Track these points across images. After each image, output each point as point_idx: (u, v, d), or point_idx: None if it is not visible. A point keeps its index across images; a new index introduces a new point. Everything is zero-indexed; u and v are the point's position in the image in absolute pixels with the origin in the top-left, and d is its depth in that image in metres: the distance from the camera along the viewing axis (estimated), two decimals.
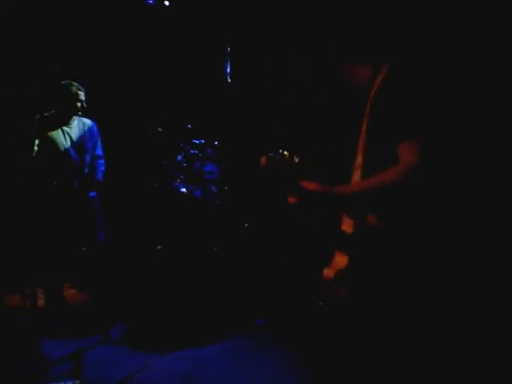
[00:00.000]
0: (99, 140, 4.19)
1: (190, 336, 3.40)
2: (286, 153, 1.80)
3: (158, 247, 3.61)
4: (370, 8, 1.91)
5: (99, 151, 4.18)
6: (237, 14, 4.56)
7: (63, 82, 3.95)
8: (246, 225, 4.04)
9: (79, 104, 4.00)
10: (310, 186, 1.71)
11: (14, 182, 3.74)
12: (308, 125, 3.49)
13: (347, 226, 1.82)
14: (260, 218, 4.07)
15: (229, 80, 4.38)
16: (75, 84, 4.01)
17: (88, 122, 4.17)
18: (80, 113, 4.04)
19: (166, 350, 3.24)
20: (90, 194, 4.08)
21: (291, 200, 1.75)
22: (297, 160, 1.80)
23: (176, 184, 3.84)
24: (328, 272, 1.84)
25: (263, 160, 1.79)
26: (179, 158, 3.95)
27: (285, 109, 3.97)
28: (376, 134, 1.74)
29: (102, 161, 4.18)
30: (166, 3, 4.60)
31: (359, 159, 1.81)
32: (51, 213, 3.80)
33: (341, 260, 1.80)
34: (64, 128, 4.08)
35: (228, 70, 4.41)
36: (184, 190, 3.83)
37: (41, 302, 3.56)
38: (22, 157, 3.72)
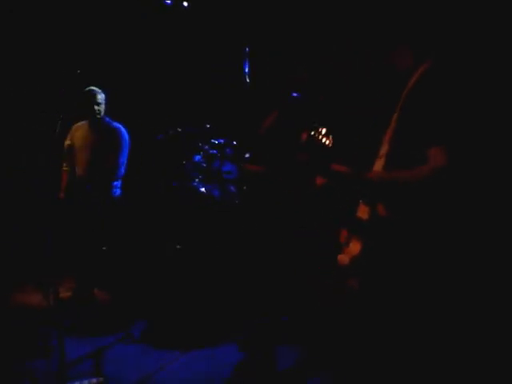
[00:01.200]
0: (122, 145, 4.12)
1: (207, 334, 3.41)
2: (324, 131, 1.78)
3: (178, 247, 3.62)
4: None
5: (119, 158, 4.11)
6: (256, 13, 4.56)
7: (81, 86, 3.99)
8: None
9: (97, 107, 4.04)
10: (341, 168, 1.72)
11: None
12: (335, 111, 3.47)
13: (363, 212, 1.82)
14: (276, 219, 4.05)
15: (247, 80, 4.37)
16: (93, 87, 4.05)
17: (114, 126, 4.17)
18: (99, 116, 4.08)
19: (186, 349, 3.25)
20: (115, 194, 4.11)
21: (319, 181, 1.77)
22: (332, 140, 1.79)
23: (195, 184, 3.85)
24: (343, 258, 1.84)
25: (304, 136, 1.79)
26: (198, 157, 3.96)
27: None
28: (407, 127, 1.72)
29: (118, 168, 4.12)
30: (185, 4, 4.62)
31: (384, 148, 1.81)
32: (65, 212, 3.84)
33: (355, 246, 1.80)
34: (85, 131, 4.13)
35: (246, 69, 4.41)
36: (203, 189, 3.84)
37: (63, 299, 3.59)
38: (22, 157, 3.78)
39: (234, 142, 4.07)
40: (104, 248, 3.72)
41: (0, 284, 3.63)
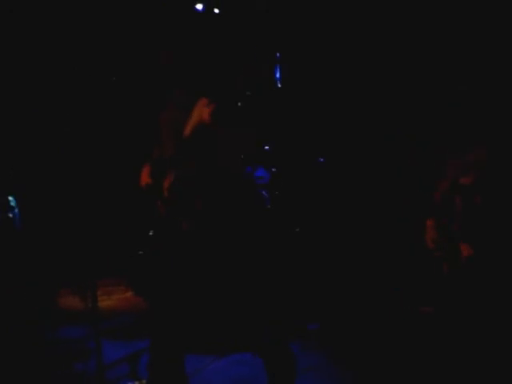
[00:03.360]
0: None
1: (242, 339, 3.40)
2: None
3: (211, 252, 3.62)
4: None
5: None
6: (286, 18, 4.57)
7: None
8: (297, 229, 4.03)
9: None
10: None
11: None
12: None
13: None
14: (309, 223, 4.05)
15: (279, 85, 4.39)
16: None
17: None
18: None
19: (221, 353, 3.26)
20: None
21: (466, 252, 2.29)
22: None
23: None
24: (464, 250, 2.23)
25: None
26: None
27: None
28: None
29: None
30: (216, 10, 4.65)
31: None
32: None
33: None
34: None
35: (278, 74, 4.42)
36: None
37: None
38: None
39: (267, 147, 4.08)
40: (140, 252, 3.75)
41: (40, 288, 3.69)
